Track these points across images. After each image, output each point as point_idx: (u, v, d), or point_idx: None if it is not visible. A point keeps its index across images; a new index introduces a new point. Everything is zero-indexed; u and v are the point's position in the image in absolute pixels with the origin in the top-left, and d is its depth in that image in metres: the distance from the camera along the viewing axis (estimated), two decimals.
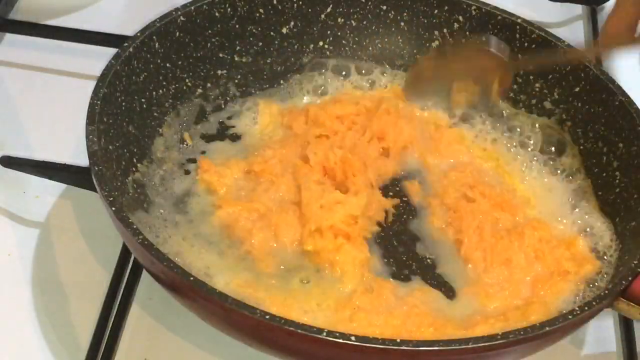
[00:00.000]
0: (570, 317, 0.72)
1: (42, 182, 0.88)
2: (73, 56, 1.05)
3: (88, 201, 0.86)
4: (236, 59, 0.98)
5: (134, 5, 1.14)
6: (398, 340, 0.69)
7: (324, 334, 0.69)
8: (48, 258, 0.87)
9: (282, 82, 0.99)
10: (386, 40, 1.02)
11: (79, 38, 1.05)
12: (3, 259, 0.87)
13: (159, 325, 0.83)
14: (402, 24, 1.01)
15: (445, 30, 1.00)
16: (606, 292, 0.75)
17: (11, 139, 0.97)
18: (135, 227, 0.75)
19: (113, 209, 0.75)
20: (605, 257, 0.85)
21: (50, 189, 0.91)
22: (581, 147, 0.94)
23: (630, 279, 0.75)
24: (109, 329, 0.80)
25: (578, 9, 1.17)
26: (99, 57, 0.89)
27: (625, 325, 0.83)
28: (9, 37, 1.07)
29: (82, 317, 0.82)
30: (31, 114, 1.00)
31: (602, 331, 0.85)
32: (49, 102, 1.01)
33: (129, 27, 0.94)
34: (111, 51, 0.88)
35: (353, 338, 0.68)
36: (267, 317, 0.69)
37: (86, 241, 0.88)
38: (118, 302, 0.82)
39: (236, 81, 0.98)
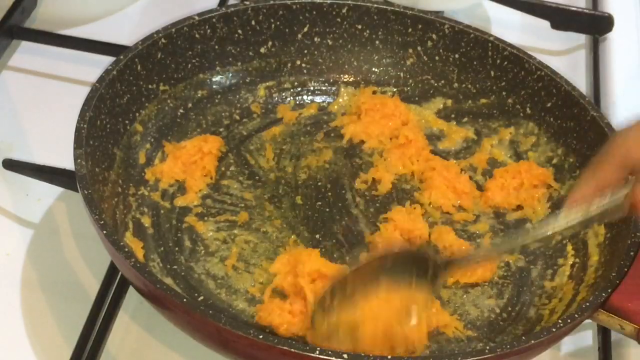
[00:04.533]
0: (554, 329, 0.74)
1: (44, 186, 0.91)
2: (82, 64, 1.07)
3: None
4: (216, 79, 0.99)
5: (149, 17, 1.16)
6: (389, 357, 0.71)
7: (317, 352, 0.70)
8: (45, 259, 0.89)
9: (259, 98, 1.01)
10: (362, 58, 1.03)
11: (87, 47, 1.07)
12: (2, 259, 0.89)
13: (146, 334, 0.84)
14: (377, 42, 1.03)
15: (419, 48, 1.02)
16: (587, 304, 0.77)
17: (18, 143, 0.99)
18: (127, 250, 0.76)
19: (104, 232, 0.77)
20: None
21: (52, 192, 0.93)
22: (554, 161, 0.96)
23: (609, 290, 0.78)
24: (94, 336, 0.81)
25: (581, 38, 1.19)
26: (105, 67, 0.91)
27: (603, 335, 0.85)
28: (24, 44, 1.10)
29: (69, 322, 0.84)
30: (38, 119, 1.02)
31: (581, 341, 0.88)
32: (56, 108, 1.04)
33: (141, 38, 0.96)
34: None
35: (345, 356, 0.70)
36: (261, 336, 0.71)
37: (82, 244, 0.90)
38: (105, 309, 0.83)
39: (216, 101, 0.99)
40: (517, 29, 1.18)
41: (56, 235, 0.91)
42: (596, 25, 1.17)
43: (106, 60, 0.94)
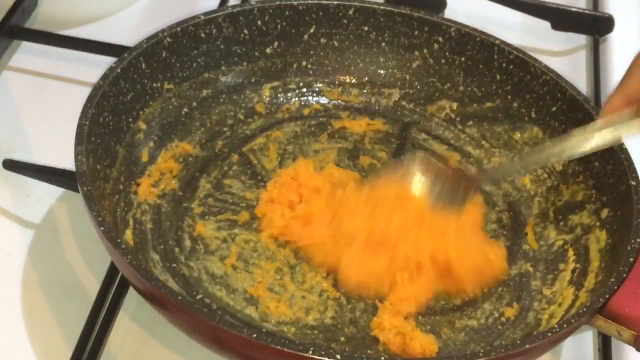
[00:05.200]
0: (549, 334, 0.74)
1: (44, 186, 0.91)
2: (82, 65, 1.08)
3: None
4: (221, 79, 0.99)
5: (150, 18, 1.17)
6: (382, 358, 0.71)
7: (310, 352, 0.70)
8: (46, 260, 0.89)
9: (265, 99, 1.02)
10: (367, 60, 1.03)
11: (87, 48, 1.08)
12: (2, 259, 0.89)
13: (146, 335, 0.84)
14: (384, 44, 1.03)
15: (425, 51, 1.02)
16: (584, 309, 0.77)
17: (19, 143, 1.00)
18: (124, 247, 0.76)
19: (102, 228, 0.77)
20: None
21: (52, 193, 0.94)
22: (557, 166, 0.96)
23: (607, 296, 0.78)
24: (94, 336, 0.81)
25: (582, 39, 1.19)
26: (106, 67, 0.91)
27: (604, 337, 0.85)
28: (24, 45, 1.11)
29: (70, 323, 0.84)
30: (39, 119, 1.03)
31: (581, 343, 0.88)
32: (57, 108, 1.04)
33: (142, 39, 0.96)
34: None
35: (338, 356, 0.70)
36: (254, 335, 0.71)
37: (82, 245, 0.90)
38: (105, 310, 0.83)
39: (221, 100, 0.99)
40: (518, 30, 1.18)
41: (57, 235, 0.92)
42: (597, 26, 1.17)
43: (107, 61, 0.95)
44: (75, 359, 0.80)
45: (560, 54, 1.17)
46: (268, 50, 1.01)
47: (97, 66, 0.98)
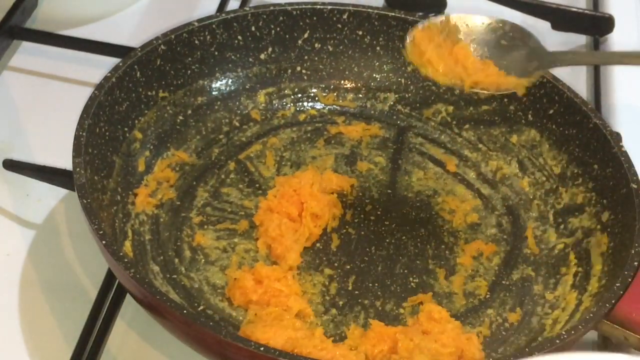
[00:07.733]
0: (557, 341, 0.74)
1: (44, 186, 0.91)
2: (83, 65, 1.07)
3: None
4: (215, 86, 0.98)
5: (150, 17, 1.16)
6: None
7: None
8: (46, 260, 0.89)
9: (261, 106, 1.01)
10: (362, 64, 1.03)
11: (88, 48, 1.07)
12: (2, 260, 0.89)
13: (144, 343, 0.84)
14: (378, 48, 1.02)
15: None
16: (591, 315, 0.77)
17: (19, 143, 0.99)
18: (126, 260, 0.75)
19: (103, 242, 0.76)
20: None
21: (52, 193, 0.93)
22: (556, 169, 0.96)
23: (613, 302, 0.77)
24: (93, 337, 0.81)
25: (582, 39, 1.19)
26: (108, 67, 0.91)
27: (603, 341, 0.85)
28: (24, 45, 1.10)
29: (69, 324, 0.83)
30: (39, 119, 1.02)
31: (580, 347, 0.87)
32: (57, 108, 1.03)
33: (142, 39, 0.96)
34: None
35: None
36: (262, 348, 0.70)
37: (82, 245, 0.89)
38: (105, 311, 0.83)
39: (216, 107, 0.98)
40: None
41: (56, 236, 0.91)
42: (597, 26, 1.17)
43: (107, 61, 0.94)
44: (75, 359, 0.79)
45: None
46: (262, 56, 1.00)
47: (97, 66, 0.97)
